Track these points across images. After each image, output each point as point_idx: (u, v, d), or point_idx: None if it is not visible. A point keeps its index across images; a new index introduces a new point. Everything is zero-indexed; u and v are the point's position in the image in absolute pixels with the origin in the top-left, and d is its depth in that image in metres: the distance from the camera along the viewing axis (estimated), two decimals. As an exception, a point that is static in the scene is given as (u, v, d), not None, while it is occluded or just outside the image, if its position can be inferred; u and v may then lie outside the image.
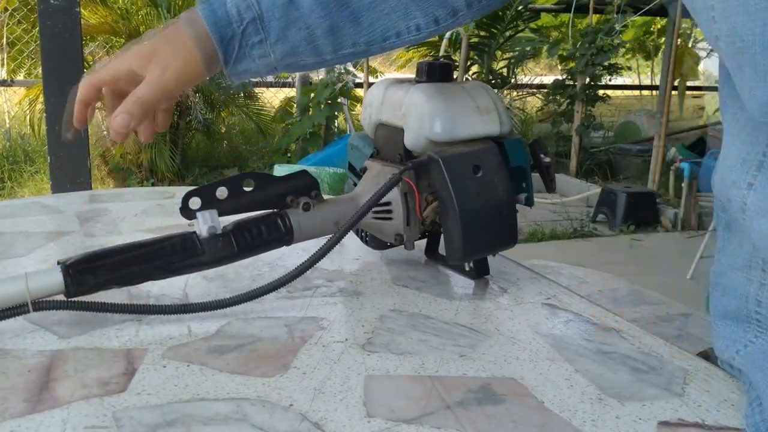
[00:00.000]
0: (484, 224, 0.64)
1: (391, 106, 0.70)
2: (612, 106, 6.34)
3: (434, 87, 0.68)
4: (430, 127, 0.66)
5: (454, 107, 0.67)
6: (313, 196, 0.65)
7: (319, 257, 0.61)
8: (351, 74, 4.60)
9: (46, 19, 2.09)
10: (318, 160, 4.05)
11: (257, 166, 5.23)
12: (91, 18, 4.47)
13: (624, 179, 5.12)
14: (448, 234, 0.64)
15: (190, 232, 0.60)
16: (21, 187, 4.48)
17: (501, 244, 0.67)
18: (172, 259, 0.59)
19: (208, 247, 0.60)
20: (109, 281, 0.57)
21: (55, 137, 2.17)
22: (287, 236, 0.64)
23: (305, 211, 0.64)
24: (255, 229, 0.62)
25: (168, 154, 4.37)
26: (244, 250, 0.61)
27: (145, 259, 0.58)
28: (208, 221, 0.60)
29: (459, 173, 0.63)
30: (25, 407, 0.44)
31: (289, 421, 0.44)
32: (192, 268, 0.61)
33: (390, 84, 0.72)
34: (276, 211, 0.64)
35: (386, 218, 0.67)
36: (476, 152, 0.65)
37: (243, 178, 0.63)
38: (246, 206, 0.63)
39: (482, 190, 0.63)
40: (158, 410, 0.45)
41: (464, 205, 0.62)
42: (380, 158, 0.73)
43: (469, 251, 0.64)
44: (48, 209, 0.98)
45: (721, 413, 0.48)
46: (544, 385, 0.50)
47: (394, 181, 0.64)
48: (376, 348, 0.55)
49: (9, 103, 5.45)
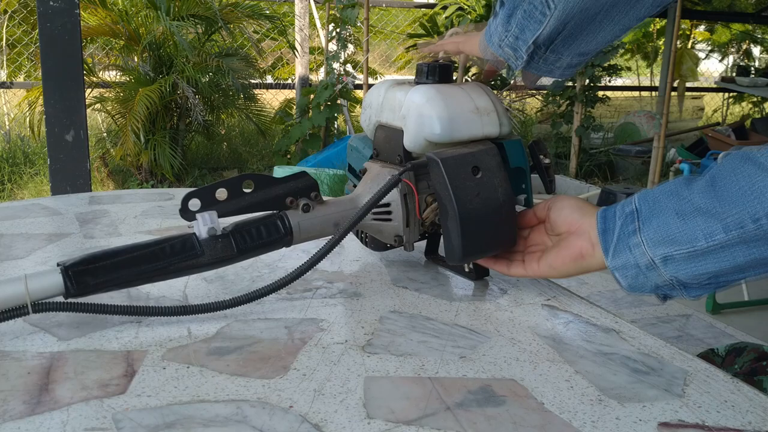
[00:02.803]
0: (483, 225, 0.64)
1: (391, 107, 0.70)
2: (611, 107, 6.34)
3: (433, 88, 0.67)
4: (429, 128, 0.66)
5: (454, 108, 0.66)
6: (312, 198, 0.65)
7: (318, 259, 0.61)
8: (351, 75, 4.60)
9: (45, 21, 2.09)
10: (318, 161, 4.05)
11: (257, 167, 5.23)
12: (90, 20, 4.46)
13: (623, 180, 5.12)
14: (447, 235, 0.64)
15: (190, 233, 0.60)
16: (21, 189, 4.47)
17: (500, 245, 0.67)
18: (172, 260, 0.59)
19: (208, 248, 0.60)
20: (109, 282, 0.57)
21: (55, 139, 2.17)
22: (287, 237, 0.63)
23: (305, 213, 0.64)
24: (254, 231, 0.62)
25: (168, 155, 4.37)
26: (244, 251, 0.61)
27: (144, 261, 0.58)
28: (208, 222, 0.60)
29: (458, 174, 0.62)
30: (25, 409, 0.44)
31: (289, 423, 0.44)
32: (192, 270, 0.60)
33: (390, 86, 0.71)
34: (276, 213, 0.64)
35: (386, 219, 0.67)
36: (475, 153, 0.64)
37: (243, 179, 0.63)
38: (246, 207, 0.63)
39: (481, 191, 0.63)
40: (158, 412, 0.45)
41: (463, 206, 0.62)
42: (380, 159, 0.72)
43: (468, 252, 0.64)
44: (48, 211, 0.98)
45: (721, 414, 0.48)
46: (544, 387, 0.50)
47: (394, 182, 0.64)
48: (376, 349, 0.55)
49: (8, 105, 5.45)
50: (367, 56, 4.51)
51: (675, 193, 0.56)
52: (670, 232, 0.55)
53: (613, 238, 0.59)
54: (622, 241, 0.58)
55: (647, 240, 0.56)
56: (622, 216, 0.59)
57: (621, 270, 0.58)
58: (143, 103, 4.10)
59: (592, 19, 0.62)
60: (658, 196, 0.57)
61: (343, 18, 4.49)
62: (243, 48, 5.15)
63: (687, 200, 0.55)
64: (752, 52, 8.27)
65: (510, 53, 0.66)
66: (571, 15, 0.61)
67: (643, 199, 0.59)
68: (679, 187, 0.56)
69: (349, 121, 4.69)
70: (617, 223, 0.59)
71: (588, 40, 0.64)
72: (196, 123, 4.59)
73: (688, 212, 0.54)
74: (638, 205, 0.58)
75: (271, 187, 0.64)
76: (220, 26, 4.60)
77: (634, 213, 0.58)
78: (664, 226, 0.55)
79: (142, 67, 4.55)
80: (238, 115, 5.13)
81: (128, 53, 4.71)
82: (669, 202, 0.56)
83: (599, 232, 0.60)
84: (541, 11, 0.61)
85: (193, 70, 4.34)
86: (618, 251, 0.58)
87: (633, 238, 0.57)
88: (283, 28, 5.23)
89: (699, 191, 0.54)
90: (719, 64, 8.32)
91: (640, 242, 0.57)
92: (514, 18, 0.63)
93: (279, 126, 5.14)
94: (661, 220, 0.56)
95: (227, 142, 5.69)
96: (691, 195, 0.55)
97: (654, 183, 4.32)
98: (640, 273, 0.57)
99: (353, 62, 4.71)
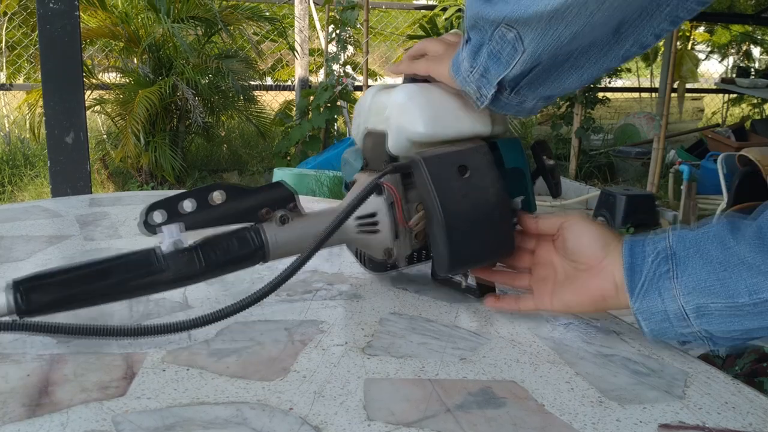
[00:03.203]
0: (473, 230, 0.58)
1: (377, 111, 0.66)
2: (611, 108, 6.35)
3: (417, 86, 0.63)
4: (411, 126, 0.62)
5: (438, 105, 0.62)
6: (290, 209, 0.60)
7: (287, 277, 0.56)
8: (350, 77, 4.60)
9: (45, 23, 2.09)
10: (318, 163, 4.05)
11: (257, 169, 5.23)
12: (90, 21, 4.47)
13: (623, 182, 5.12)
14: (434, 243, 0.60)
15: (152, 248, 0.56)
16: (21, 191, 4.48)
17: (495, 253, 0.62)
18: (130, 276, 0.55)
19: (171, 263, 0.55)
20: (63, 301, 0.53)
21: (55, 141, 2.17)
22: (260, 252, 0.59)
23: (281, 225, 0.59)
24: (224, 245, 0.57)
25: (168, 157, 4.37)
26: (212, 267, 0.57)
27: (100, 277, 0.54)
28: (173, 235, 0.56)
29: (442, 174, 0.58)
30: (25, 411, 0.44)
31: (289, 425, 0.44)
32: (154, 287, 0.56)
33: (377, 90, 0.68)
34: (249, 225, 0.59)
35: (372, 231, 0.62)
36: (462, 152, 0.59)
37: (211, 189, 0.58)
38: (216, 220, 0.58)
39: (470, 192, 0.58)
40: (158, 414, 0.45)
41: (449, 209, 0.57)
42: (369, 169, 0.68)
43: (457, 261, 0.59)
44: (48, 213, 0.98)
45: (722, 416, 0.48)
46: (544, 388, 0.50)
47: (372, 188, 0.59)
48: (376, 351, 0.55)
49: (8, 107, 5.46)
50: (367, 58, 4.52)
51: (719, 240, 0.52)
52: (708, 282, 0.51)
53: (641, 278, 0.54)
54: (652, 283, 0.54)
55: (681, 286, 0.52)
56: (653, 253, 0.54)
57: (646, 314, 0.54)
58: (143, 105, 4.10)
59: (560, 65, 0.58)
60: (700, 239, 0.53)
61: (343, 19, 4.50)
62: (243, 50, 5.15)
63: (732, 251, 0.50)
64: (752, 53, 8.28)
65: (474, 90, 0.60)
66: (539, 59, 0.55)
67: (679, 240, 0.54)
68: (723, 234, 0.52)
69: (349, 123, 4.69)
70: (647, 260, 0.54)
71: (554, 86, 0.59)
72: (196, 125, 4.59)
73: (733, 264, 0.50)
74: (673, 244, 0.54)
75: (243, 197, 0.59)
76: (219, 28, 4.61)
77: (669, 253, 0.53)
78: (702, 273, 0.51)
79: (142, 68, 4.56)
80: (237, 117, 5.13)
81: (128, 55, 4.72)
82: (711, 248, 0.52)
83: (625, 269, 0.55)
84: (508, 53, 0.55)
85: (193, 72, 4.35)
86: (645, 294, 0.54)
87: (665, 282, 0.53)
88: (282, 29, 5.24)
89: (747, 243, 0.50)
90: (719, 65, 8.33)
91: (673, 287, 0.52)
92: (480, 55, 0.58)
93: (279, 128, 5.15)
94: (699, 267, 0.52)
95: (227, 143, 5.69)
96: (738, 246, 0.50)
97: (654, 184, 4.32)
98: (667, 320, 0.54)
99: (353, 64, 4.71)
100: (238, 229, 0.59)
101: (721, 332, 0.52)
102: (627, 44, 0.57)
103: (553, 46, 0.54)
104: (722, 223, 0.52)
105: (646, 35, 0.57)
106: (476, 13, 0.56)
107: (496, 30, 0.55)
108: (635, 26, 0.56)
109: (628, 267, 0.55)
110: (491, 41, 0.56)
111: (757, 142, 5.05)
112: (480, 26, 0.56)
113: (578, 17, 0.51)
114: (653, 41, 0.57)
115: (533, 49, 0.54)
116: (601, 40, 0.57)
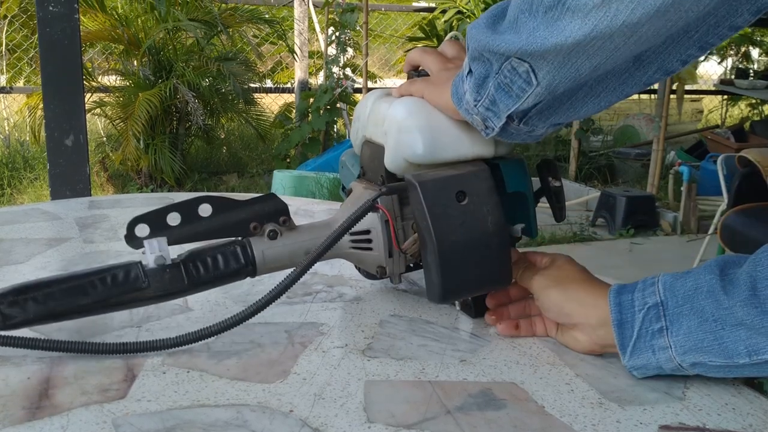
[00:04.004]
0: (468, 260, 0.55)
1: (375, 121, 0.63)
2: (611, 109, 6.35)
3: (417, 103, 0.59)
4: (409, 146, 0.58)
5: (439, 124, 0.58)
6: (281, 223, 0.58)
7: (279, 293, 0.55)
8: (350, 79, 4.60)
9: (45, 26, 2.09)
10: (317, 165, 4.05)
11: (257, 171, 5.23)
12: (90, 24, 4.47)
13: (623, 183, 5.12)
14: (426, 269, 0.57)
15: (135, 262, 0.54)
16: (20, 194, 4.47)
17: (490, 283, 0.59)
18: (112, 292, 0.53)
19: (154, 279, 0.54)
20: (44, 316, 0.52)
21: (55, 144, 2.17)
22: (248, 268, 0.57)
23: (271, 240, 0.57)
24: (210, 260, 0.56)
25: (168, 159, 4.37)
26: (197, 283, 0.55)
27: (80, 292, 0.53)
28: (156, 250, 0.54)
29: (439, 200, 0.55)
30: (25, 414, 0.44)
31: (290, 427, 0.44)
32: (136, 303, 0.55)
33: (378, 97, 0.64)
34: (236, 240, 0.58)
35: (366, 248, 0.60)
36: (461, 176, 0.56)
37: (198, 202, 0.57)
38: (203, 233, 0.56)
39: (467, 220, 0.55)
40: (158, 417, 0.45)
41: (444, 237, 0.54)
42: (366, 179, 0.65)
43: (450, 291, 0.56)
44: (47, 216, 0.98)
45: (722, 417, 0.48)
46: (544, 390, 0.50)
47: (367, 208, 0.57)
48: (377, 353, 0.55)
49: (8, 110, 5.46)
50: (367, 60, 4.52)
51: (711, 296, 0.49)
52: (706, 342, 0.49)
53: (632, 334, 0.52)
54: (645, 341, 0.52)
55: (676, 345, 0.50)
56: (642, 307, 0.52)
57: (640, 370, 0.53)
58: (143, 108, 4.10)
59: (574, 94, 0.53)
60: (690, 293, 0.50)
61: (343, 22, 4.50)
62: (243, 52, 5.15)
63: (726, 309, 0.48)
64: (751, 54, 8.28)
65: (479, 122, 0.56)
66: (554, 92, 0.50)
67: (669, 292, 0.51)
68: (715, 289, 0.49)
69: (349, 125, 4.69)
70: (636, 316, 0.52)
71: (568, 114, 0.55)
72: (196, 127, 4.60)
73: (730, 323, 0.48)
74: (663, 298, 0.51)
75: (232, 210, 0.57)
76: (219, 30, 4.61)
77: (659, 308, 0.51)
78: (699, 333, 0.49)
79: (142, 71, 4.56)
80: (237, 119, 5.13)
81: (128, 58, 4.72)
82: (705, 304, 0.49)
83: (614, 325, 0.53)
84: (519, 86, 0.50)
85: (192, 74, 4.35)
86: (638, 351, 0.52)
87: (658, 340, 0.51)
88: (282, 32, 5.24)
89: (741, 299, 0.48)
90: (718, 66, 8.33)
91: (668, 346, 0.51)
92: (485, 87, 0.53)
93: (279, 130, 5.15)
94: (694, 326, 0.50)
95: (227, 146, 5.69)
96: (731, 302, 0.48)
97: (654, 186, 4.32)
98: (662, 373, 0.52)
99: (353, 66, 4.72)
100: (226, 243, 0.57)
101: (719, 377, 0.52)
102: (650, 71, 0.53)
103: (570, 80, 0.49)
104: (713, 274, 0.50)
105: (672, 61, 0.53)
106: (482, 45, 0.51)
107: (505, 63, 0.50)
108: (660, 53, 0.52)
109: (617, 323, 0.53)
110: (499, 73, 0.51)
111: (757, 143, 5.06)
112: (486, 59, 0.52)
113: (601, 50, 0.46)
114: (679, 67, 0.53)
115: (548, 82, 0.49)
116: (621, 67, 0.52)
